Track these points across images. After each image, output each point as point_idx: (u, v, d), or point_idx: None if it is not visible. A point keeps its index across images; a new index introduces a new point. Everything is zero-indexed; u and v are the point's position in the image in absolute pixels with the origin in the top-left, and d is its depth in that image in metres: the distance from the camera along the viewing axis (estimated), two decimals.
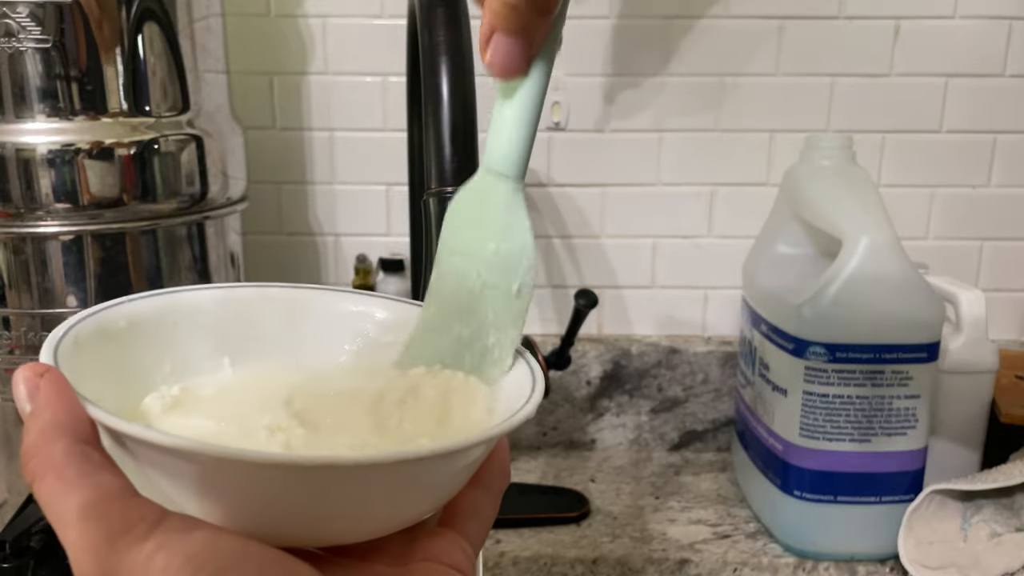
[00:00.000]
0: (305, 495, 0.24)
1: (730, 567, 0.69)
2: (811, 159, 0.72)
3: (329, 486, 0.24)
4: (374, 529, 0.27)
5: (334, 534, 0.27)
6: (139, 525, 0.22)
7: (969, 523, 0.66)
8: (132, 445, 0.24)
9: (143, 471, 0.25)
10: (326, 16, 0.82)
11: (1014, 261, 0.87)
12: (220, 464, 0.23)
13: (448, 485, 0.28)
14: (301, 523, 0.25)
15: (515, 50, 0.31)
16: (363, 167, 0.85)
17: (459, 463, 0.27)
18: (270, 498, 0.24)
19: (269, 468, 0.23)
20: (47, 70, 0.58)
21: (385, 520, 0.27)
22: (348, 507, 0.25)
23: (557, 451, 0.88)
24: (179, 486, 0.24)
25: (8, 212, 0.59)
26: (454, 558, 0.28)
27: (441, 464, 0.26)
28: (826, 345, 0.64)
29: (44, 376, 0.25)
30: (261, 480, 0.24)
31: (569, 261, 0.87)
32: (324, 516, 0.25)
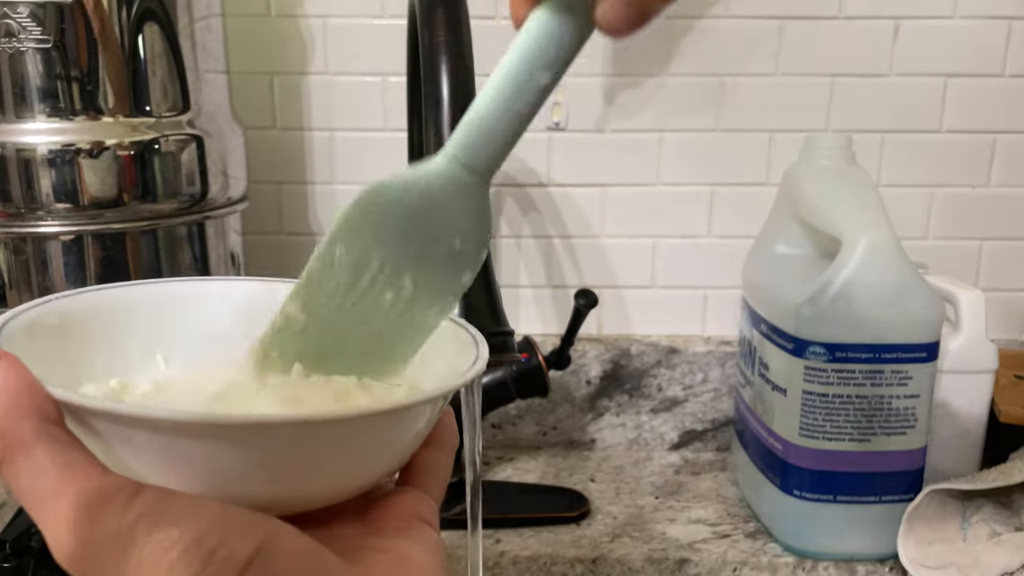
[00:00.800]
0: (269, 458, 0.25)
1: (730, 567, 0.69)
2: (811, 159, 0.72)
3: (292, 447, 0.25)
4: (333, 494, 0.28)
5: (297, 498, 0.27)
6: (117, 496, 0.22)
7: (969, 523, 0.66)
8: (98, 423, 0.24)
9: (110, 449, 0.25)
10: (326, 16, 0.82)
11: (1014, 261, 0.87)
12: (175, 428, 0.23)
13: (402, 444, 0.29)
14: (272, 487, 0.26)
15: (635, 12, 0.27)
16: (363, 167, 0.85)
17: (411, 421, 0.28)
18: (236, 462, 0.24)
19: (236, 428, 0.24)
20: (47, 70, 0.58)
21: (352, 480, 0.28)
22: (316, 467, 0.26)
23: (557, 451, 0.88)
24: (146, 459, 0.24)
25: (8, 212, 0.59)
26: (417, 509, 0.29)
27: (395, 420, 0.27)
28: (825, 345, 0.64)
29: (1, 360, 0.25)
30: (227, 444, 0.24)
31: (569, 261, 0.87)
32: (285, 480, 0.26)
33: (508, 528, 0.72)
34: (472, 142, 0.30)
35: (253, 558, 0.22)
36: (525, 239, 0.86)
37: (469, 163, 0.30)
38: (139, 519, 0.22)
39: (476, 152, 0.30)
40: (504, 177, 0.85)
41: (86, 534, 0.22)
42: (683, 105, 0.84)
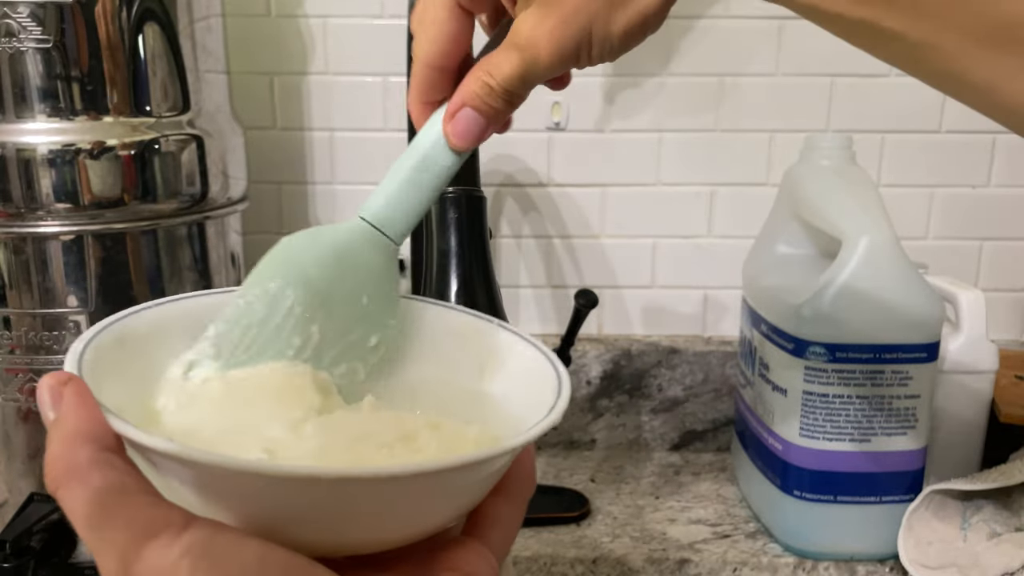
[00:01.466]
0: (326, 506, 0.24)
1: (730, 567, 0.69)
2: (811, 159, 0.72)
3: (349, 498, 0.24)
4: (395, 539, 0.27)
5: (355, 544, 0.27)
6: (166, 530, 0.22)
7: (969, 523, 0.66)
8: (154, 456, 0.24)
9: (166, 480, 0.25)
10: (326, 16, 0.82)
11: (1014, 261, 0.87)
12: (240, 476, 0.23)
13: (469, 495, 0.28)
14: (322, 532, 0.25)
15: (477, 128, 0.36)
16: (363, 167, 0.85)
17: (479, 474, 0.27)
18: (292, 508, 0.24)
19: (289, 481, 0.23)
20: (47, 70, 0.58)
21: (405, 530, 0.27)
22: (368, 518, 0.25)
23: (557, 451, 0.88)
24: (202, 496, 0.24)
25: (8, 212, 0.59)
26: (476, 567, 0.28)
27: (460, 475, 0.26)
28: (826, 345, 0.64)
29: (67, 384, 0.25)
30: (282, 492, 0.24)
31: (569, 261, 0.87)
32: (344, 526, 0.25)
33: None
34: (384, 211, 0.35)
35: None
36: (525, 239, 0.86)
37: (380, 226, 0.34)
38: (183, 557, 0.22)
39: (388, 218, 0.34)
40: (504, 177, 0.85)
41: (131, 564, 0.22)
42: (683, 105, 0.84)
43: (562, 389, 0.30)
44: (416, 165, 0.36)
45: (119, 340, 0.30)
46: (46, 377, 0.26)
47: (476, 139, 0.36)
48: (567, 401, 0.30)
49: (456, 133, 0.36)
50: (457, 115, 0.36)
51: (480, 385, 0.35)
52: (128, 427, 0.24)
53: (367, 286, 0.33)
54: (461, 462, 0.25)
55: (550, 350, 0.33)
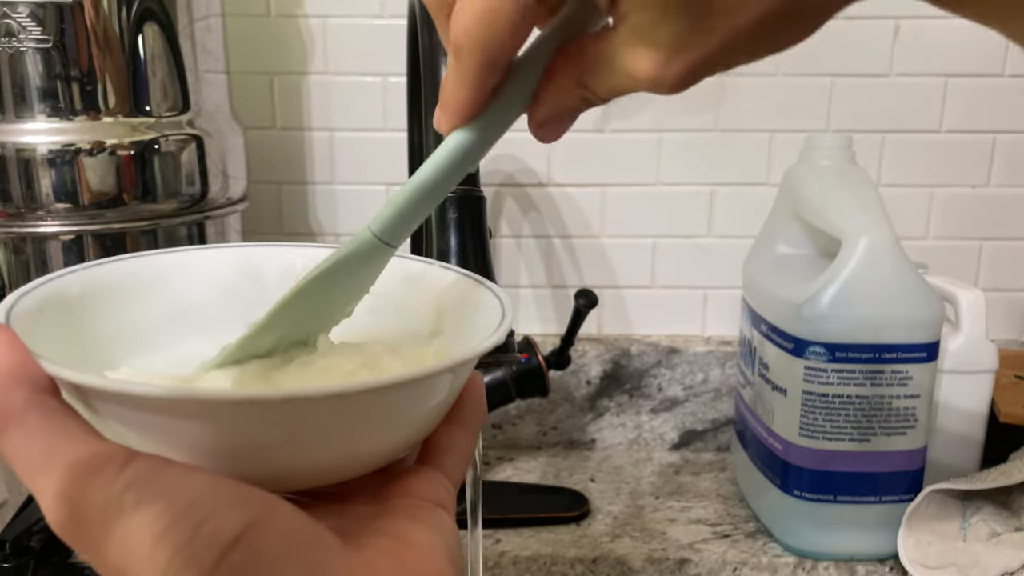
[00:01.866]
0: (272, 433, 0.24)
1: (730, 567, 0.69)
2: (811, 159, 0.72)
3: (296, 422, 0.24)
4: (347, 468, 0.27)
5: (307, 475, 0.26)
6: (108, 466, 0.22)
7: (969, 523, 0.66)
8: (91, 398, 0.24)
9: (106, 423, 0.24)
10: (326, 16, 0.82)
11: (1014, 261, 0.87)
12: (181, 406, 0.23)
13: (419, 420, 0.28)
14: (273, 465, 0.25)
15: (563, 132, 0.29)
16: (363, 167, 0.85)
17: (424, 392, 0.27)
18: (237, 439, 0.24)
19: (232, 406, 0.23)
20: (47, 70, 0.58)
21: (357, 458, 0.27)
22: (318, 444, 0.25)
23: (557, 451, 0.88)
24: (144, 434, 0.24)
25: (8, 212, 0.59)
26: (432, 492, 0.28)
27: (408, 393, 0.26)
28: (826, 345, 0.64)
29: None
30: (225, 421, 0.23)
31: (569, 261, 0.87)
32: (294, 455, 0.25)
33: (508, 528, 0.72)
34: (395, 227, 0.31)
35: (242, 535, 0.21)
36: (525, 239, 0.86)
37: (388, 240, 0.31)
38: (128, 488, 0.21)
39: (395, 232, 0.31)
40: (504, 177, 0.85)
41: (76, 502, 0.22)
42: (683, 105, 0.84)
43: (504, 312, 0.30)
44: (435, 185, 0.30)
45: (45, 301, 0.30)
46: None
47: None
48: (509, 324, 0.29)
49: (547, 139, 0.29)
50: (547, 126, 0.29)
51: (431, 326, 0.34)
52: (61, 368, 0.24)
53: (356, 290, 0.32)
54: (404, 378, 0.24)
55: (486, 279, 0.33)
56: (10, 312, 0.27)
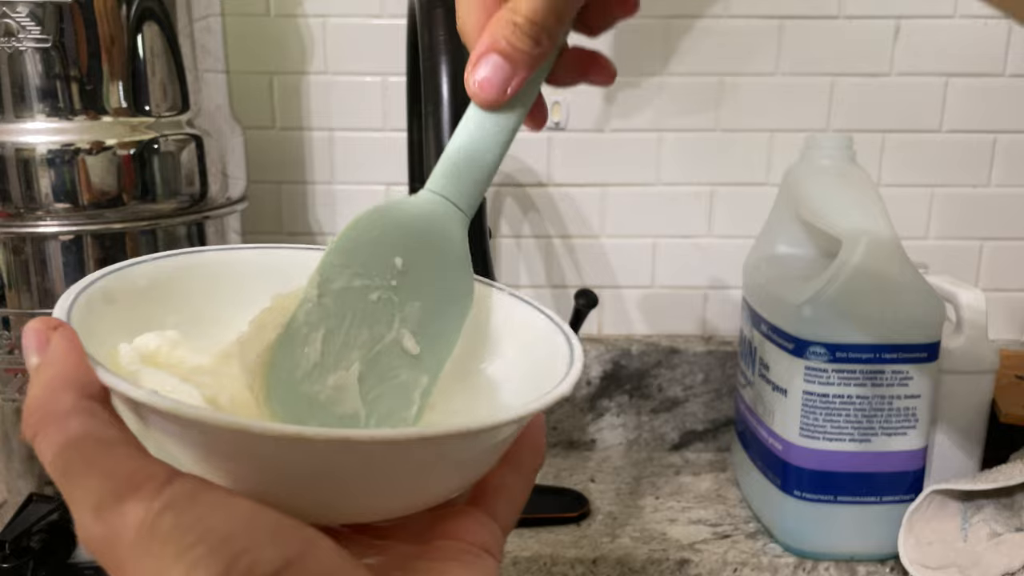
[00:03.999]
0: (321, 471, 0.23)
1: (730, 567, 0.69)
2: (811, 159, 0.72)
3: (346, 463, 0.23)
4: (395, 508, 0.26)
5: (353, 512, 0.25)
6: (147, 484, 0.21)
7: (969, 523, 0.66)
8: (142, 411, 0.23)
9: (153, 436, 0.24)
10: (326, 16, 0.82)
11: (1014, 261, 0.87)
12: (234, 436, 0.22)
13: (474, 465, 0.27)
14: (318, 499, 0.24)
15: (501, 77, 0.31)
16: (363, 167, 0.85)
17: (485, 443, 0.26)
18: (285, 472, 0.23)
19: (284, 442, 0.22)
20: (47, 70, 0.58)
21: (406, 499, 0.26)
22: (367, 484, 0.24)
23: (557, 451, 0.88)
24: (191, 453, 0.23)
25: (8, 212, 0.59)
26: (479, 536, 0.27)
27: (462, 444, 0.25)
28: (826, 345, 0.64)
29: (56, 330, 0.24)
30: (275, 454, 0.23)
31: (569, 261, 0.87)
32: (342, 492, 0.24)
33: None
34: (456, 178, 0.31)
35: (279, 571, 0.20)
36: (525, 239, 0.86)
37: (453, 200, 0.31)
38: (164, 511, 0.21)
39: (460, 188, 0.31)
40: (504, 177, 0.85)
41: (110, 518, 0.21)
42: (683, 105, 0.84)
43: (574, 358, 0.29)
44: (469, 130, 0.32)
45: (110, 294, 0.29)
46: (33, 321, 0.24)
47: (500, 90, 0.31)
48: (579, 371, 0.28)
49: (480, 87, 0.31)
50: (478, 65, 0.31)
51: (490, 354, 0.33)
52: (115, 378, 0.23)
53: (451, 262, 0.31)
54: (463, 429, 0.24)
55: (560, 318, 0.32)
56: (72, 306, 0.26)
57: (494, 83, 0.31)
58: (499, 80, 0.31)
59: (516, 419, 0.25)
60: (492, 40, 0.31)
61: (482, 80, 0.31)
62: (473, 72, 0.31)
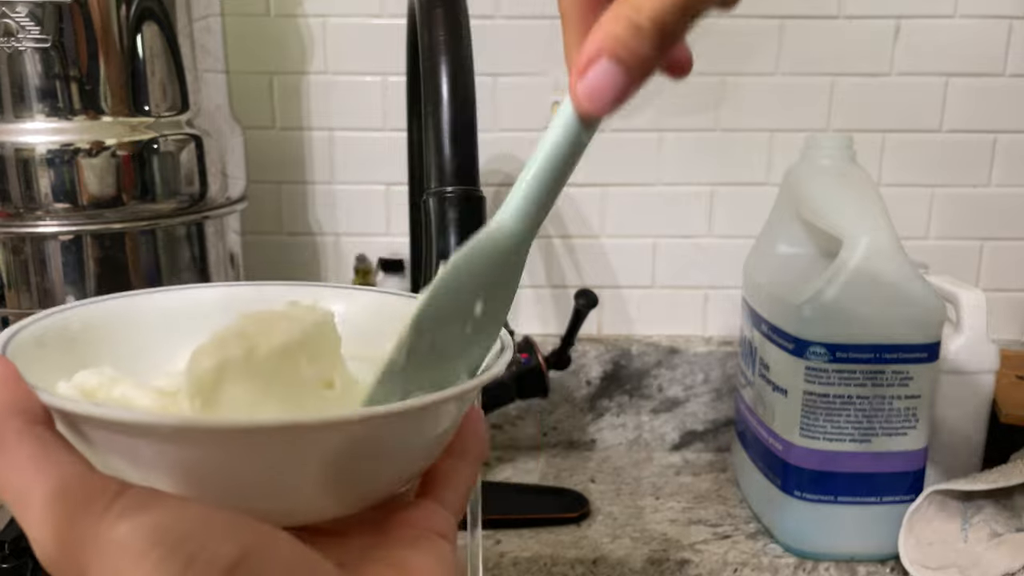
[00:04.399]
0: (268, 464, 0.23)
1: (730, 567, 0.69)
2: (811, 159, 0.71)
3: (293, 451, 0.23)
4: (346, 502, 0.26)
5: (306, 509, 0.26)
6: (99, 499, 0.21)
7: (969, 523, 0.66)
8: (86, 428, 0.24)
9: (100, 455, 0.24)
10: (326, 16, 0.82)
11: (1014, 261, 0.87)
12: (176, 435, 0.23)
13: (420, 451, 0.27)
14: (269, 497, 0.24)
15: (617, 86, 0.27)
16: (363, 167, 0.85)
17: (428, 423, 0.26)
18: (228, 468, 0.23)
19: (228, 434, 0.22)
20: (46, 70, 0.58)
21: (356, 491, 0.26)
22: (314, 476, 0.24)
23: (557, 451, 0.88)
24: (137, 464, 0.24)
25: (7, 212, 0.59)
26: (432, 522, 0.27)
27: (409, 423, 0.25)
28: (826, 345, 0.64)
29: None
30: (221, 448, 0.23)
31: (569, 261, 0.87)
32: (292, 487, 0.24)
33: (508, 529, 0.72)
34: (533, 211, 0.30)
35: (238, 563, 0.21)
36: None
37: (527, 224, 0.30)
38: (119, 520, 0.21)
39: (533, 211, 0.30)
40: (504, 177, 0.85)
41: (65, 534, 0.21)
42: (683, 105, 0.84)
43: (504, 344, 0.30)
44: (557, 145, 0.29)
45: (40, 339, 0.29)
46: None
47: (615, 100, 0.27)
48: (509, 355, 0.29)
49: (589, 98, 0.27)
50: (589, 70, 0.27)
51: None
52: (54, 396, 0.24)
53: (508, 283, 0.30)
54: (407, 407, 0.24)
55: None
56: (8, 343, 0.27)
57: (607, 92, 0.27)
58: (614, 89, 0.27)
59: (452, 395, 0.25)
60: (607, 41, 0.26)
61: (593, 88, 0.27)
62: (581, 77, 0.27)
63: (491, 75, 0.82)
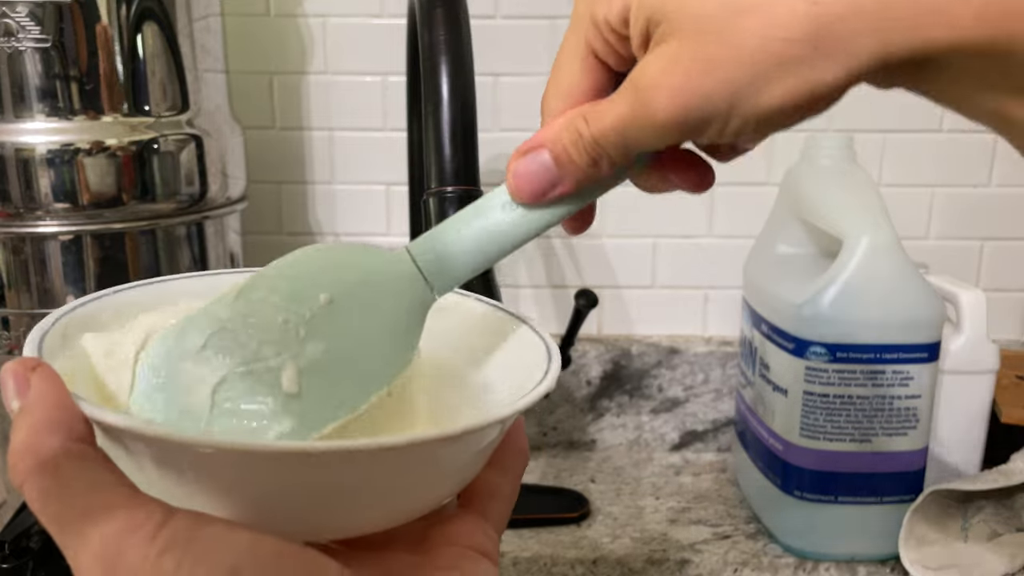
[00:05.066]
0: (316, 484, 0.23)
1: (730, 567, 0.69)
2: (811, 159, 0.71)
3: (340, 473, 0.23)
4: (390, 518, 0.26)
5: (349, 525, 0.26)
6: (145, 525, 0.21)
7: (970, 523, 0.66)
8: (129, 442, 0.23)
9: (142, 467, 0.24)
10: (326, 16, 0.82)
11: (1014, 261, 0.87)
12: (224, 456, 0.22)
13: (463, 470, 0.27)
14: (315, 515, 0.24)
15: (543, 179, 0.29)
16: (363, 167, 0.85)
17: (471, 447, 0.26)
18: (280, 489, 0.23)
19: (277, 457, 0.22)
20: (46, 70, 0.58)
21: (400, 508, 0.26)
22: (361, 495, 0.24)
23: (557, 451, 0.87)
24: (182, 482, 0.23)
25: (7, 212, 0.59)
26: (476, 540, 0.27)
27: (452, 448, 0.25)
28: (826, 345, 0.64)
29: (35, 371, 0.24)
30: (268, 470, 0.22)
31: (569, 261, 0.87)
32: (337, 506, 0.24)
33: (508, 529, 0.72)
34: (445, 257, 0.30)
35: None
36: None
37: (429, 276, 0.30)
38: (166, 551, 0.21)
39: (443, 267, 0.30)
40: (504, 177, 0.85)
41: (111, 564, 0.21)
42: None
43: (551, 358, 0.29)
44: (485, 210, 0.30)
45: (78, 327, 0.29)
46: (10, 363, 0.24)
47: (539, 192, 0.29)
48: (558, 370, 0.28)
49: (518, 178, 0.29)
50: (526, 156, 0.29)
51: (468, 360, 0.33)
52: (99, 410, 0.23)
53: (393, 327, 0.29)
54: (450, 434, 0.24)
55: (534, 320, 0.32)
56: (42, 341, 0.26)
57: (533, 183, 0.29)
58: (540, 182, 0.29)
59: (499, 420, 0.25)
60: (551, 137, 0.28)
61: (522, 172, 0.29)
62: (518, 159, 0.29)
63: (491, 75, 0.82)
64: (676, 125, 0.26)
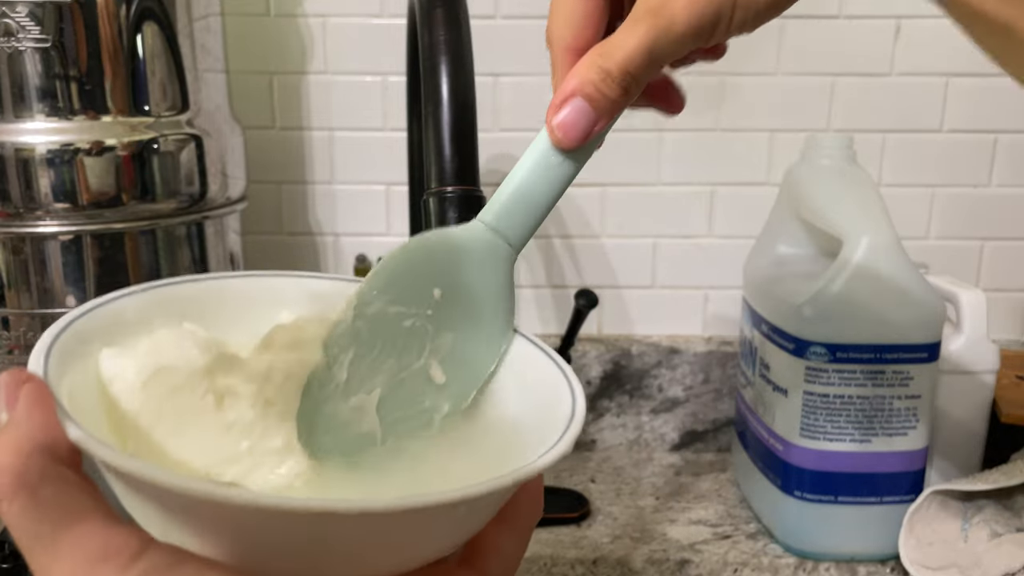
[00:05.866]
0: (305, 539, 0.22)
1: (730, 567, 0.69)
2: (811, 159, 0.71)
3: (330, 532, 0.22)
4: (382, 573, 0.25)
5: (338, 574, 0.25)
6: (119, 555, 0.21)
7: (970, 523, 0.66)
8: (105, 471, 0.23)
9: (130, 495, 0.23)
10: (326, 16, 0.82)
11: (1014, 261, 0.87)
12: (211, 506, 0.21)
13: (467, 526, 0.26)
14: (300, 567, 0.23)
15: (585, 123, 0.32)
16: (363, 167, 0.85)
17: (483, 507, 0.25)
18: (267, 540, 0.22)
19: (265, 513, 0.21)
20: (46, 70, 0.58)
21: (394, 564, 0.25)
22: (352, 552, 0.23)
23: None
24: (164, 517, 0.22)
25: (7, 212, 0.59)
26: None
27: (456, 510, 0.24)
28: (826, 345, 0.64)
29: (26, 385, 0.23)
30: (256, 522, 0.22)
31: (569, 261, 0.87)
32: (326, 560, 0.23)
33: None
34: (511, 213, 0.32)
35: None
36: None
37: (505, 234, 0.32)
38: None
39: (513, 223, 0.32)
40: (504, 177, 0.85)
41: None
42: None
43: (576, 412, 0.27)
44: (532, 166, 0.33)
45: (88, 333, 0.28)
46: (4, 374, 0.24)
47: (584, 135, 0.32)
48: (580, 426, 0.27)
49: (562, 128, 0.32)
50: (563, 107, 0.32)
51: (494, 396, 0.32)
52: (85, 437, 0.22)
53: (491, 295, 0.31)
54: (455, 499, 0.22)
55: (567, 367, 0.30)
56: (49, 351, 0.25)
57: (577, 127, 0.32)
58: (583, 125, 0.32)
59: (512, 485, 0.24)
60: (580, 83, 0.31)
61: (565, 122, 0.32)
62: (556, 113, 0.32)
63: (491, 75, 0.82)
64: (693, 32, 0.30)
